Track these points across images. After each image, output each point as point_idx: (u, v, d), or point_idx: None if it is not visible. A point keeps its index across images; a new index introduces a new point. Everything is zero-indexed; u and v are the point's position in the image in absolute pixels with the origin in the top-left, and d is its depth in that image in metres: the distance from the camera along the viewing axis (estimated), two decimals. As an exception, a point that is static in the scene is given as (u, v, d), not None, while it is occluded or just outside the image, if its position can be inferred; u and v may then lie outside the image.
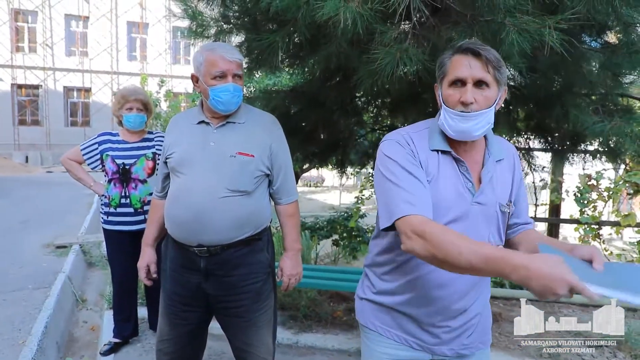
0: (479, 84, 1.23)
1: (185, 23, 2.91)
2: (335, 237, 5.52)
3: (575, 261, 1.05)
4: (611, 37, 2.94)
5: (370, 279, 1.47)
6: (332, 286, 3.47)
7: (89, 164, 2.93)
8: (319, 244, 5.59)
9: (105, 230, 2.92)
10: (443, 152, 1.30)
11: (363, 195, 5.59)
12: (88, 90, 22.33)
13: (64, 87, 21.87)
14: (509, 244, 1.44)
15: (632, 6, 2.17)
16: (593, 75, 2.78)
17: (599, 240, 4.27)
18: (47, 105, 21.43)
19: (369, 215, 5.82)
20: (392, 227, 1.21)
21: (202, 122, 1.87)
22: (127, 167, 2.81)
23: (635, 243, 4.22)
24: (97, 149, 2.88)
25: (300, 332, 3.33)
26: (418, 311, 1.35)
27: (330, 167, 5.52)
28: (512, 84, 2.99)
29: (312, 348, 3.17)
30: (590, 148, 3.52)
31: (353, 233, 5.39)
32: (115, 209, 2.83)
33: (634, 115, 2.90)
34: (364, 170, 5.61)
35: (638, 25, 2.85)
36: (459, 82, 1.24)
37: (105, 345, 2.99)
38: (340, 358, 3.07)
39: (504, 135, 3.34)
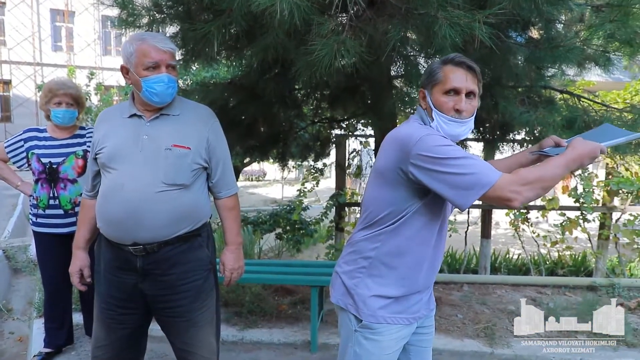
0: (469, 94, 1.40)
1: (115, 12, 2.75)
2: (279, 230, 5.48)
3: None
4: (534, 33, 3.13)
5: (376, 271, 1.47)
6: (276, 280, 3.46)
7: (14, 163, 2.72)
8: (262, 238, 5.54)
9: (34, 232, 2.72)
10: None
11: (305, 188, 5.58)
12: (8, 83, 20.60)
13: (-20, 79, 20.12)
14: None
15: (552, 4, 2.32)
16: (519, 68, 2.95)
17: (527, 223, 4.55)
18: (-40, 100, 19.64)
19: (312, 207, 5.82)
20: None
21: (134, 115, 1.78)
22: (54, 166, 2.63)
23: (559, 225, 4.54)
24: (22, 146, 2.67)
25: (245, 328, 3.29)
26: (418, 279, 1.48)
27: (271, 160, 5.46)
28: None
29: (258, 343, 3.15)
30: (518, 137, 3.74)
31: (296, 226, 5.37)
32: (44, 211, 2.64)
33: (556, 106, 3.11)
34: (305, 163, 5.60)
35: (558, 22, 3.04)
36: (453, 92, 1.38)
37: (35, 356, 2.79)
38: (286, 351, 3.07)
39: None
